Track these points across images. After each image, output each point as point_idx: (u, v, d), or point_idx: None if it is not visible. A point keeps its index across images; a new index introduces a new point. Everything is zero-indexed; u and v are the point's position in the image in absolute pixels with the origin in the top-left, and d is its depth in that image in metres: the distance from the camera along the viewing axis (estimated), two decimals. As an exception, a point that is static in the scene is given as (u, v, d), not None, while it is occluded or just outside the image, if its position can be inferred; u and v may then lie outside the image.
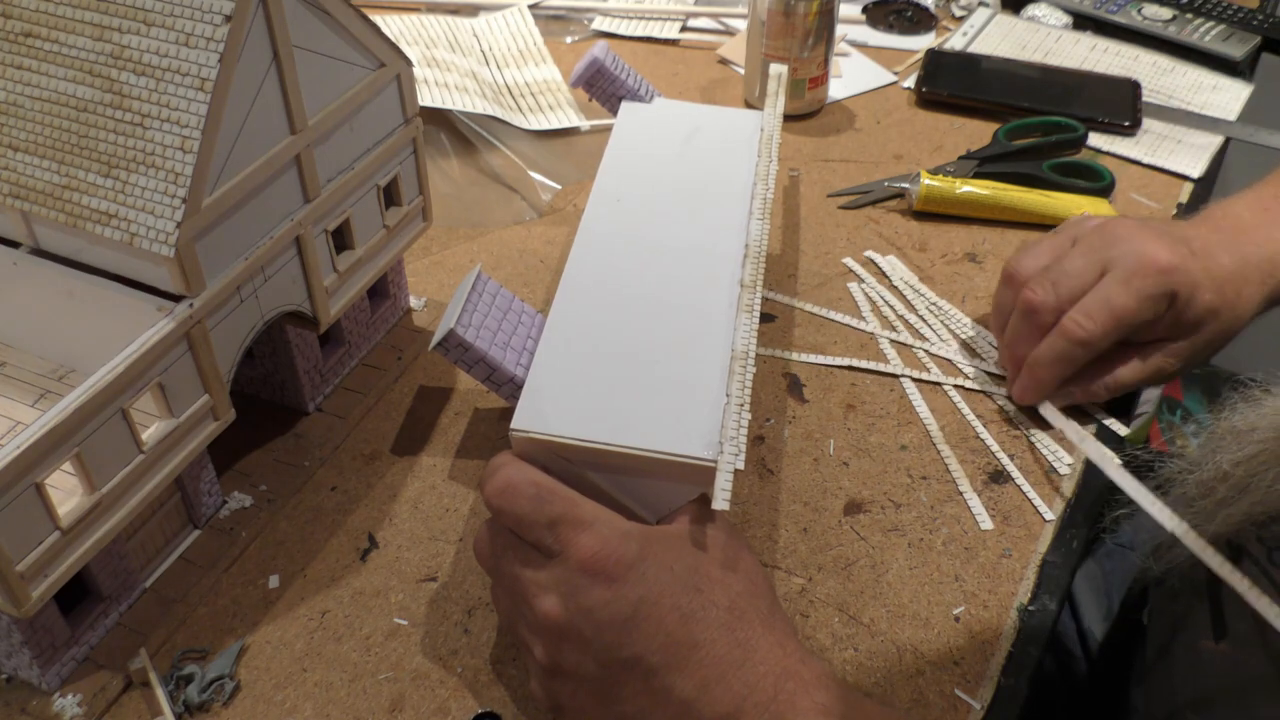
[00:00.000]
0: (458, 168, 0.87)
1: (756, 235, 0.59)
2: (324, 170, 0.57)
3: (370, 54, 0.58)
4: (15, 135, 0.50)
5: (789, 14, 0.88)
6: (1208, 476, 0.54)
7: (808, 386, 0.68)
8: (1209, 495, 0.54)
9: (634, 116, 0.71)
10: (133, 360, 0.47)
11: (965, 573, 0.57)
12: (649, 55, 1.05)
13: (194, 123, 0.47)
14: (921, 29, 1.09)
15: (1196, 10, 1.09)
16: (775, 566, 0.58)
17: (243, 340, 0.55)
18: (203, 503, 0.57)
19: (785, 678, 0.44)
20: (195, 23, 0.47)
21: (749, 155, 0.67)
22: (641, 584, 0.44)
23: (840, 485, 0.62)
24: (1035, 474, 0.63)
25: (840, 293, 0.76)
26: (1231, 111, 0.97)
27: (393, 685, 0.52)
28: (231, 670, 0.52)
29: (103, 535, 0.49)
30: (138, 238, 0.48)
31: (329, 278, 0.60)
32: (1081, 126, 0.89)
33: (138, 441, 0.49)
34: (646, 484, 0.49)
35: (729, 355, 0.52)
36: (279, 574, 0.57)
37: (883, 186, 0.85)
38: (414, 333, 0.71)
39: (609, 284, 0.57)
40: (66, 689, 0.51)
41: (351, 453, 0.64)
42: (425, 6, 1.09)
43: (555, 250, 0.79)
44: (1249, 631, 0.56)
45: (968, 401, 0.67)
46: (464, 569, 0.58)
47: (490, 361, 0.52)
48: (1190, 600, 0.61)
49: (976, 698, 0.52)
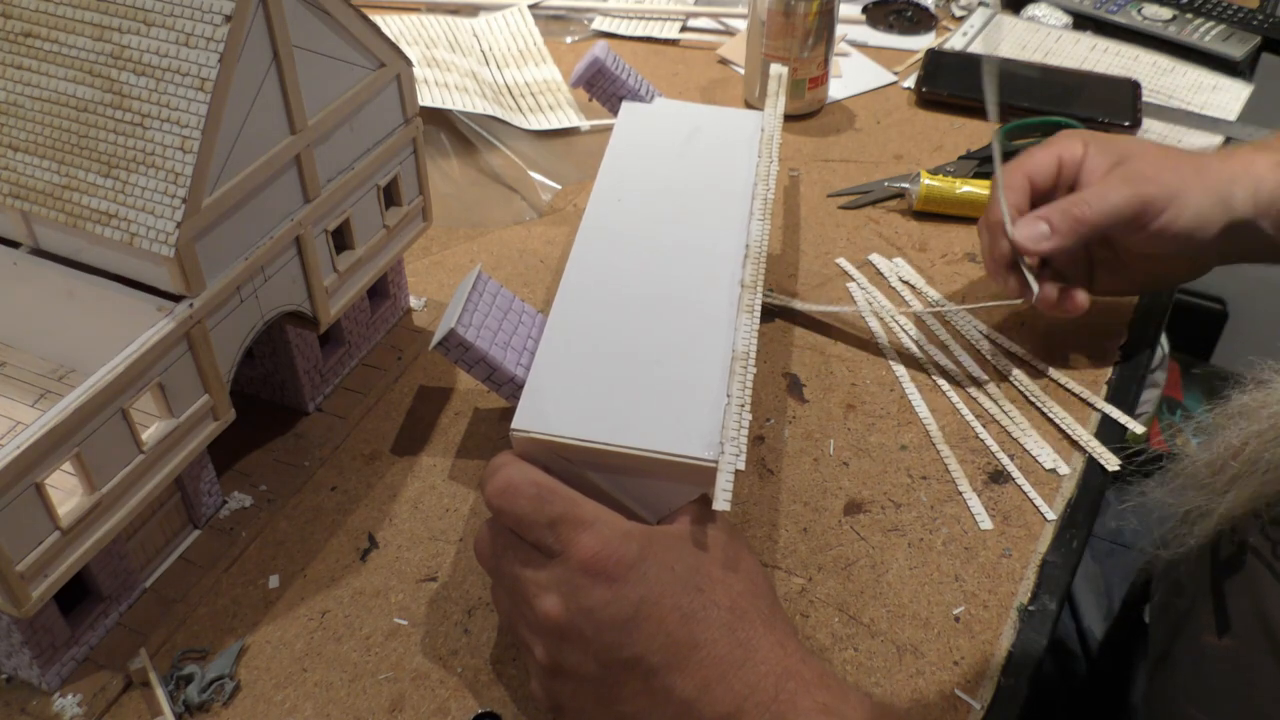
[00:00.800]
0: (458, 168, 0.87)
1: (757, 235, 0.59)
2: (324, 170, 0.57)
3: (370, 54, 0.58)
4: (15, 135, 0.50)
5: (789, 14, 0.88)
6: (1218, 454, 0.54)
7: (808, 386, 0.68)
8: (1220, 473, 0.54)
9: (634, 116, 0.71)
10: (133, 360, 0.47)
11: (965, 573, 0.57)
12: (649, 55, 1.05)
13: (194, 123, 0.47)
14: (921, 29, 1.09)
15: (1196, 10, 1.09)
16: (775, 566, 0.58)
17: (243, 340, 0.55)
18: (203, 503, 0.57)
19: (786, 677, 0.44)
20: (195, 23, 0.47)
21: (749, 155, 0.67)
22: (642, 584, 0.44)
23: (840, 485, 0.62)
24: (1035, 474, 0.63)
25: (840, 292, 0.76)
26: (1231, 111, 0.97)
27: (393, 685, 0.52)
28: (231, 670, 0.52)
29: (103, 535, 0.49)
30: (138, 238, 0.48)
31: (329, 278, 0.60)
32: (1081, 126, 0.89)
33: (138, 441, 0.49)
34: (647, 484, 0.49)
35: (729, 355, 0.52)
36: (279, 574, 0.57)
37: (883, 186, 0.85)
38: (414, 333, 0.71)
39: (609, 284, 0.57)
40: (66, 689, 0.51)
41: (351, 453, 0.64)
42: (425, 6, 1.09)
43: (555, 250, 0.79)
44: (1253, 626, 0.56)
45: (967, 402, 0.67)
46: (464, 569, 0.58)
47: (490, 361, 0.52)
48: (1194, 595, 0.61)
49: (976, 698, 0.52)
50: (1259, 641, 0.55)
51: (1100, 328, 0.72)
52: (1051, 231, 0.63)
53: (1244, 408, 0.54)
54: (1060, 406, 0.66)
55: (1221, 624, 0.58)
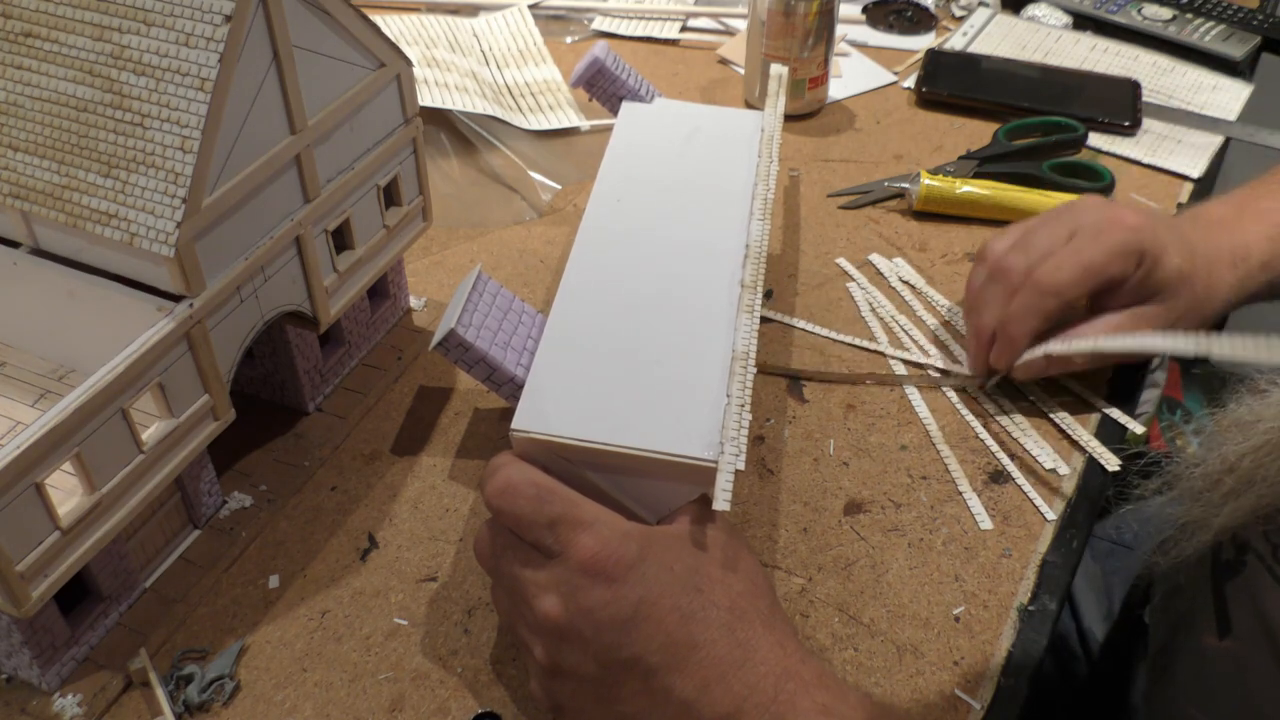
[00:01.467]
0: (458, 168, 0.87)
1: (757, 235, 0.59)
2: (324, 170, 0.57)
3: (370, 54, 0.58)
4: (15, 135, 0.50)
5: (789, 14, 0.88)
6: (1213, 468, 0.54)
7: (808, 386, 0.68)
8: (1215, 487, 0.54)
9: (634, 116, 0.71)
10: (133, 360, 0.47)
11: (965, 573, 0.57)
12: (649, 55, 1.05)
13: (194, 123, 0.47)
14: (921, 29, 1.09)
15: (1196, 10, 1.09)
16: (775, 566, 0.58)
17: (243, 340, 0.55)
18: (203, 503, 0.57)
19: (786, 678, 0.44)
20: (195, 23, 0.47)
21: (749, 155, 0.67)
22: (641, 584, 0.44)
23: (840, 485, 0.62)
24: (1035, 474, 0.63)
25: (840, 293, 0.76)
26: (1231, 111, 0.97)
27: (393, 685, 0.52)
28: (231, 670, 0.52)
29: (103, 535, 0.49)
30: (138, 238, 0.48)
31: (329, 278, 0.60)
32: (1081, 126, 0.89)
33: (138, 441, 0.49)
34: (647, 484, 0.49)
35: (729, 356, 0.52)
36: (279, 574, 0.57)
37: (883, 186, 0.85)
38: (414, 333, 0.71)
39: (609, 284, 0.57)
40: (66, 689, 0.51)
41: (351, 453, 0.64)
42: (425, 6, 1.09)
43: (555, 250, 0.79)
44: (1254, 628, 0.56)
45: (967, 402, 0.67)
46: (464, 569, 0.58)
47: (490, 361, 0.52)
48: (1194, 597, 0.61)
49: (976, 698, 0.52)
50: (1259, 643, 0.55)
51: (1100, 328, 0.72)
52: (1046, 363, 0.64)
53: (1240, 420, 0.53)
54: (1060, 406, 0.66)
55: (1222, 626, 0.58)
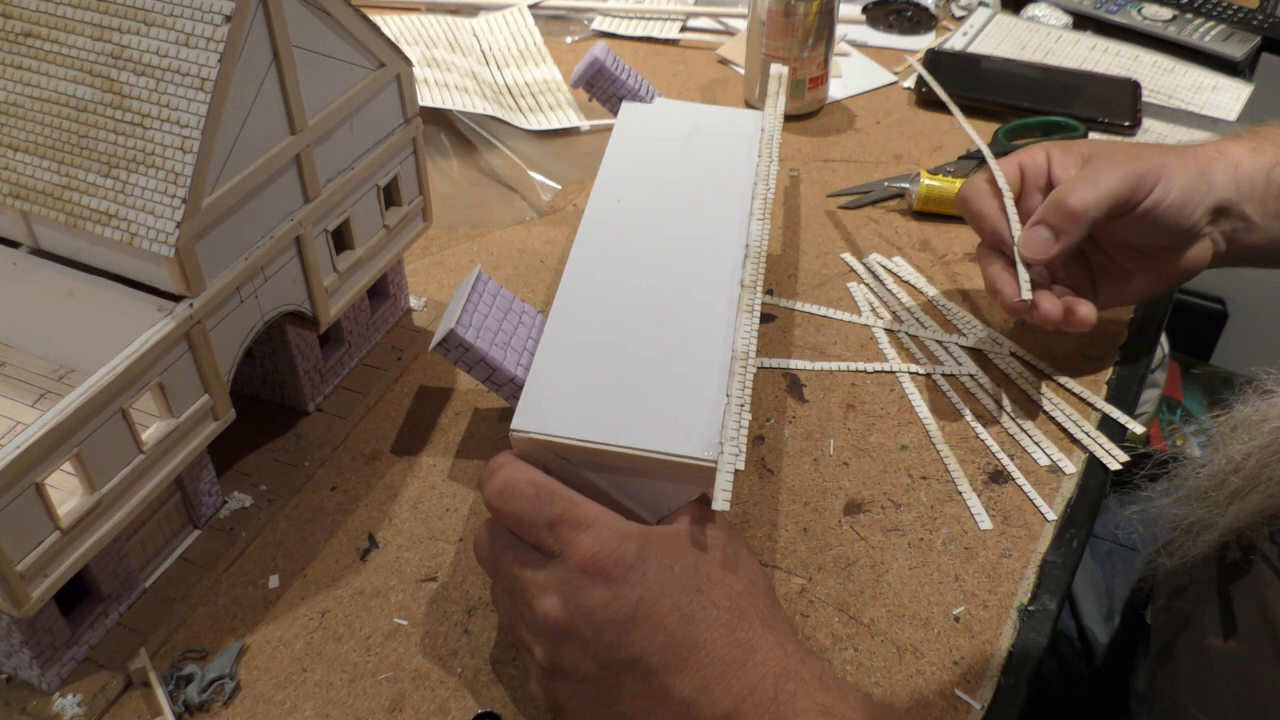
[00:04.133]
0: (458, 168, 0.87)
1: (757, 235, 0.59)
2: (324, 170, 0.57)
3: (370, 54, 0.58)
4: (15, 135, 0.50)
5: (789, 14, 0.88)
6: (1219, 468, 0.54)
7: (808, 386, 0.68)
8: (1221, 487, 0.54)
9: (634, 117, 0.71)
10: (133, 360, 0.47)
11: (965, 573, 0.57)
12: (649, 55, 1.05)
13: (194, 123, 0.47)
14: (921, 29, 1.09)
15: (1196, 10, 1.09)
16: (775, 566, 0.58)
17: (243, 340, 0.55)
18: (203, 503, 0.57)
19: (785, 678, 0.44)
20: (195, 23, 0.47)
21: (749, 155, 0.67)
22: (641, 584, 0.44)
23: (840, 485, 0.62)
24: (1035, 474, 0.63)
25: (840, 292, 0.76)
26: (1231, 111, 0.97)
27: (393, 685, 0.52)
28: (231, 670, 0.52)
29: (103, 535, 0.49)
30: (138, 238, 0.48)
31: (329, 278, 0.60)
32: (1081, 126, 0.89)
33: (138, 441, 0.49)
34: (646, 484, 0.49)
35: (729, 355, 0.52)
36: (279, 574, 0.57)
37: (883, 186, 0.85)
38: (414, 333, 0.71)
39: (609, 284, 0.57)
40: (66, 689, 0.51)
41: (351, 453, 0.64)
42: (425, 6, 1.09)
43: (555, 250, 0.79)
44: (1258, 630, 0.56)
45: (967, 401, 0.67)
46: (464, 569, 0.58)
47: (490, 362, 0.52)
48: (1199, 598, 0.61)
49: (976, 698, 0.52)
50: (1264, 645, 0.55)
51: (1100, 328, 0.72)
52: (1054, 233, 0.62)
53: (1245, 419, 0.53)
54: (1060, 406, 0.66)
55: (1226, 627, 0.58)
